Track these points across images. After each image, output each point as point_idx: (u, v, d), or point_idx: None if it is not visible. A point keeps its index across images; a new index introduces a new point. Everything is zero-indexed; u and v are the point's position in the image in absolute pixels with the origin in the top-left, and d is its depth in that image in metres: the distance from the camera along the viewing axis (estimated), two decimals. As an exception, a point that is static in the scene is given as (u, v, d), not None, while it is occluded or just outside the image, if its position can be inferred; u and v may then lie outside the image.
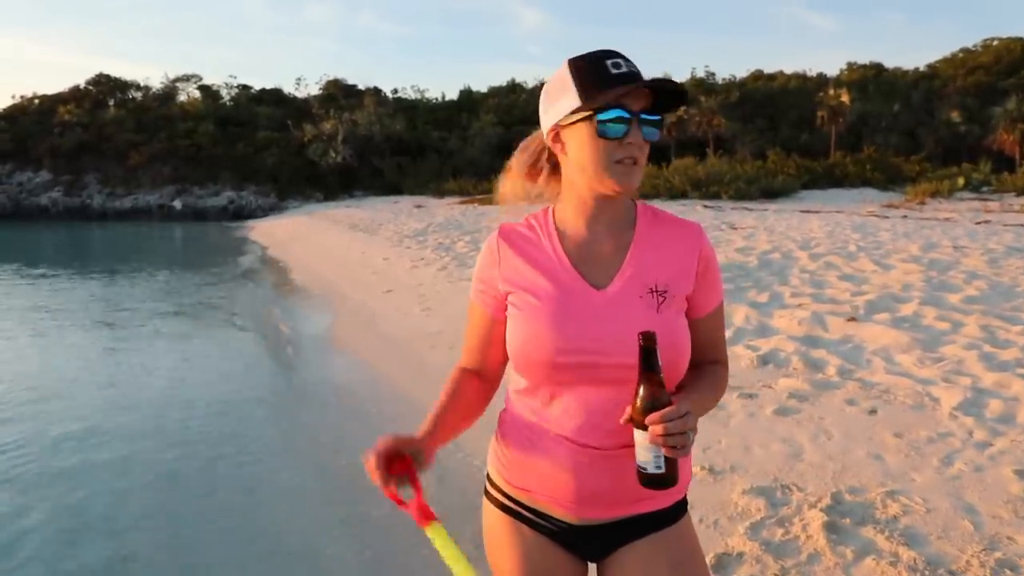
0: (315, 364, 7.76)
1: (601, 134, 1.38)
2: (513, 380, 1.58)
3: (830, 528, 3.24)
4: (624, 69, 1.38)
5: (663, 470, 1.30)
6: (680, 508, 1.55)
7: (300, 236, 23.81)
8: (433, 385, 5.64)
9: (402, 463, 1.38)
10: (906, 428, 4.30)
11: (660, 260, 1.49)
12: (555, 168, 1.55)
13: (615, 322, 1.41)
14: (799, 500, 3.54)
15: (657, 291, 1.45)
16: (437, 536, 1.35)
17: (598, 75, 1.38)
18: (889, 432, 4.26)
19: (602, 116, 1.38)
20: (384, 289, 11.08)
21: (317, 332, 9.30)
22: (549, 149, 1.53)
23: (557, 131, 1.46)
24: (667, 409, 1.26)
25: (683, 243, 1.51)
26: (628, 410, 1.32)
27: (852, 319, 6.63)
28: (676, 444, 1.26)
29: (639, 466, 1.31)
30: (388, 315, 9.32)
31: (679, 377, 1.48)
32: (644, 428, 1.28)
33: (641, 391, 1.29)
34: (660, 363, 1.29)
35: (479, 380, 1.60)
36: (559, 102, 1.44)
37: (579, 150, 1.42)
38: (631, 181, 1.41)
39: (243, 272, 17.05)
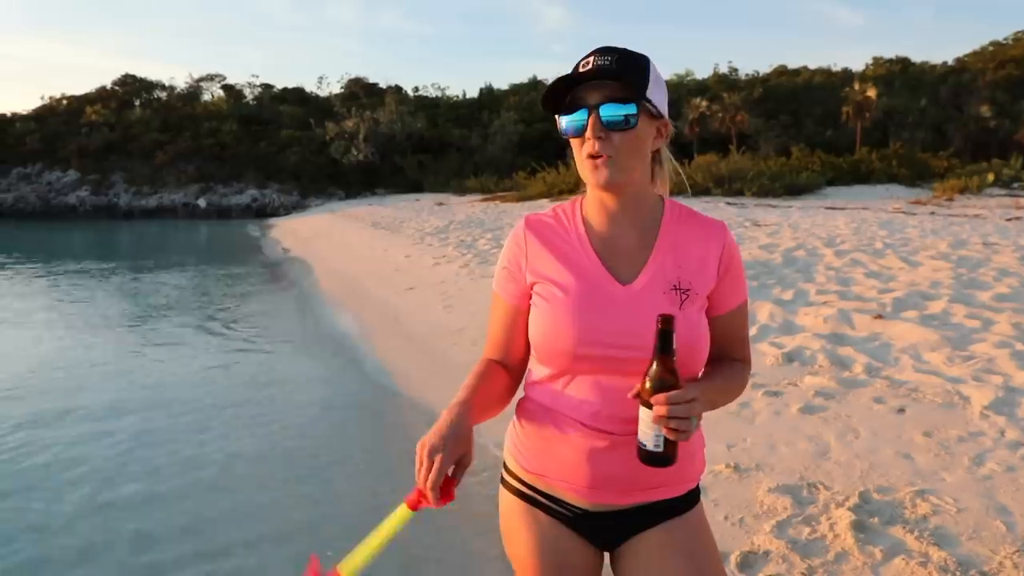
0: (344, 358, 7.80)
1: (564, 134, 1.46)
2: (533, 367, 1.61)
3: (858, 527, 3.19)
4: (591, 66, 1.40)
5: (661, 449, 1.34)
6: (693, 497, 1.58)
7: (323, 234, 23.95)
8: (453, 381, 5.61)
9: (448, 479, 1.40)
10: (936, 427, 4.24)
11: (684, 258, 1.51)
12: None
13: (638, 317, 1.43)
14: (826, 499, 3.49)
15: (680, 288, 1.48)
16: (399, 518, 1.41)
17: (567, 77, 1.42)
18: (918, 431, 4.20)
19: (562, 117, 1.45)
20: (406, 286, 11.11)
21: (344, 329, 9.35)
22: None
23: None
24: (674, 392, 1.30)
25: (707, 241, 1.53)
26: (637, 386, 1.35)
27: (879, 316, 6.54)
28: (677, 427, 1.30)
29: (639, 442, 1.36)
30: (411, 312, 9.35)
31: (695, 374, 1.50)
32: (650, 407, 1.32)
33: (652, 370, 1.33)
34: (675, 347, 1.32)
35: (504, 371, 1.61)
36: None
37: (572, 150, 1.49)
38: (600, 175, 1.43)
39: (267, 269, 17.18)
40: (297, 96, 61.64)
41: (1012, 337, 5.79)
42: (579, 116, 1.43)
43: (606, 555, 1.61)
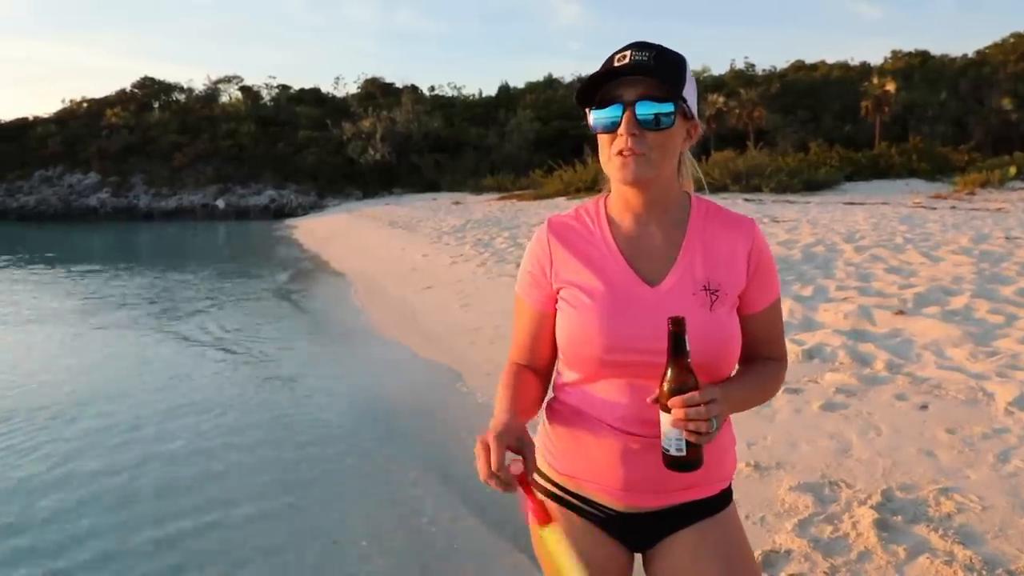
0: (363, 355, 7.84)
1: (596, 128, 1.42)
2: (561, 370, 1.59)
3: (881, 526, 3.16)
4: (627, 61, 1.37)
5: (684, 453, 1.32)
6: (726, 496, 1.57)
7: (340, 233, 24.06)
8: (474, 379, 5.62)
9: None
10: (959, 424, 4.19)
11: (713, 257, 1.47)
12: None
13: (665, 320, 1.38)
14: (848, 497, 3.46)
15: (709, 289, 1.44)
16: (555, 540, 1.33)
17: (601, 70, 1.39)
18: (941, 428, 4.15)
19: (595, 111, 1.42)
20: (424, 286, 11.14)
21: (362, 327, 9.39)
22: None
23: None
24: (690, 394, 1.28)
25: (736, 240, 1.49)
26: (656, 391, 1.34)
27: (900, 312, 6.48)
28: (697, 429, 1.28)
29: (663, 447, 1.35)
30: (428, 312, 9.37)
31: (727, 374, 1.48)
32: (668, 411, 1.31)
33: (668, 374, 1.32)
34: (688, 348, 1.31)
35: (533, 374, 1.59)
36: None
37: (598, 144, 1.46)
38: (628, 172, 1.40)
39: (285, 268, 17.28)
40: (314, 97, 61.95)
41: (1037, 333, 5.71)
42: (612, 112, 1.39)
43: (637, 556, 1.60)
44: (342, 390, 6.79)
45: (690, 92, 1.42)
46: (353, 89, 64.17)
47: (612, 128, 1.40)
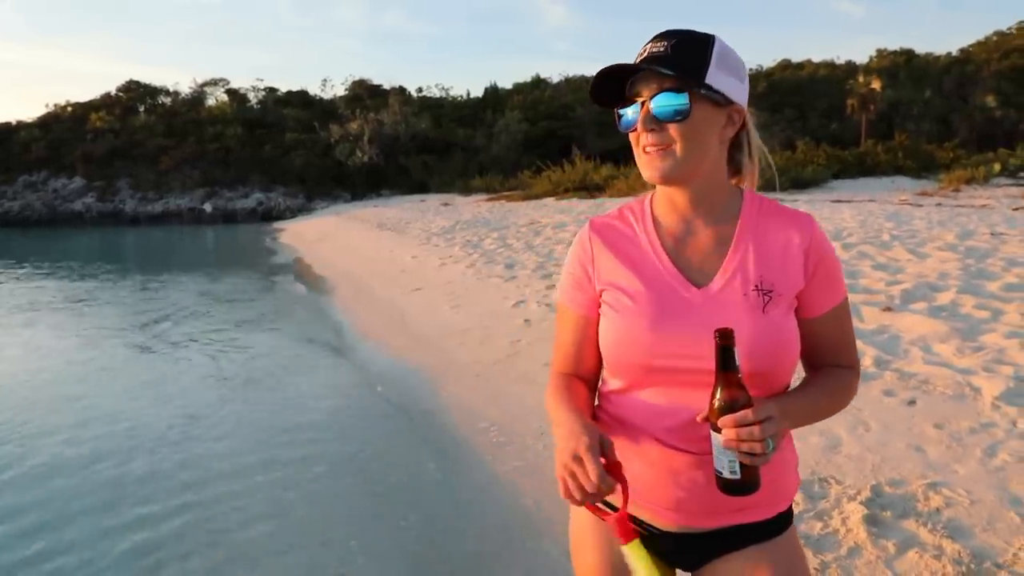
0: (356, 361, 7.81)
1: (620, 129, 1.39)
2: (607, 379, 1.51)
3: (870, 521, 3.18)
4: (645, 55, 1.32)
5: (738, 476, 1.22)
6: (784, 520, 1.45)
7: (329, 236, 23.99)
8: (461, 381, 5.59)
9: (609, 467, 1.26)
10: (947, 419, 4.21)
11: (766, 255, 1.37)
12: None
13: (716, 323, 1.28)
14: (838, 493, 3.48)
15: (762, 289, 1.34)
16: (638, 556, 1.26)
17: (616, 67, 1.35)
18: (929, 423, 4.18)
19: (619, 111, 1.37)
20: (413, 287, 11.12)
21: (350, 329, 9.36)
22: None
23: None
24: (742, 412, 1.19)
25: (792, 236, 1.38)
26: (705, 409, 1.25)
27: (888, 309, 6.51)
28: (751, 450, 1.19)
29: (716, 469, 1.24)
30: (417, 313, 9.36)
31: (784, 383, 1.38)
32: (719, 431, 1.21)
33: (718, 392, 1.22)
34: (739, 363, 1.22)
35: (581, 382, 1.50)
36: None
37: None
38: (653, 169, 1.34)
39: (273, 272, 17.21)
40: (301, 99, 61.72)
41: (1022, 327, 5.75)
42: (632, 109, 1.34)
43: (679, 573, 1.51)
44: (326, 394, 6.77)
45: (723, 75, 1.32)
46: (341, 91, 64.01)
47: (632, 127, 1.35)
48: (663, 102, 1.31)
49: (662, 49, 1.31)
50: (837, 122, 48.77)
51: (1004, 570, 2.78)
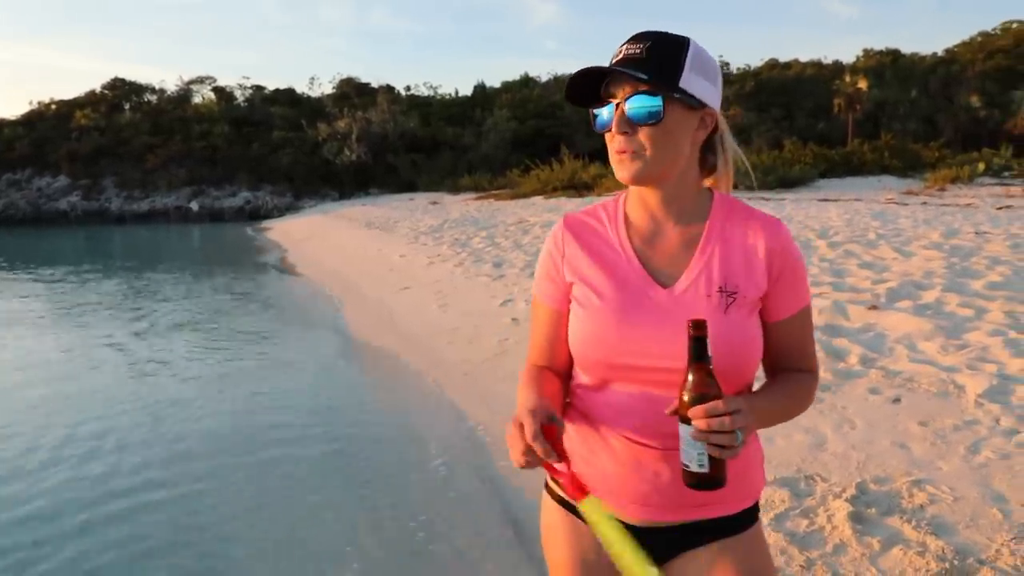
0: (346, 361, 7.79)
1: (594, 130, 1.40)
2: (576, 374, 1.53)
3: (855, 518, 3.20)
4: (620, 56, 1.34)
5: (706, 469, 1.22)
6: (749, 515, 1.46)
7: (317, 235, 23.91)
8: (449, 380, 5.60)
9: (548, 431, 1.28)
10: (931, 416, 4.25)
11: (731, 258, 1.40)
12: None
13: (680, 323, 1.29)
14: (823, 490, 3.50)
15: (726, 291, 1.36)
16: (594, 511, 1.26)
17: (590, 69, 1.36)
18: (914, 421, 4.21)
19: (594, 111, 1.39)
20: (401, 286, 11.10)
21: (339, 328, 9.33)
22: None
23: None
24: (712, 403, 1.19)
25: (758, 240, 1.41)
26: (675, 402, 1.25)
27: (873, 307, 6.56)
28: (720, 442, 1.19)
29: (683, 463, 1.24)
30: (406, 312, 9.34)
31: (746, 384, 1.41)
32: (688, 423, 1.21)
33: (688, 382, 1.22)
34: (710, 354, 1.22)
35: (553, 373, 1.52)
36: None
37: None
38: (624, 170, 1.37)
39: (261, 271, 17.14)
40: (288, 97, 61.43)
41: (1005, 325, 5.81)
42: (607, 110, 1.36)
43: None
44: (310, 392, 6.76)
45: (697, 79, 1.34)
46: (328, 89, 63.73)
47: (606, 128, 1.37)
48: (636, 104, 1.33)
49: (637, 51, 1.33)
50: (824, 121, 49.04)
51: (987, 566, 2.81)
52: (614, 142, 1.37)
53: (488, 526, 3.86)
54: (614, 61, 1.35)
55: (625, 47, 1.35)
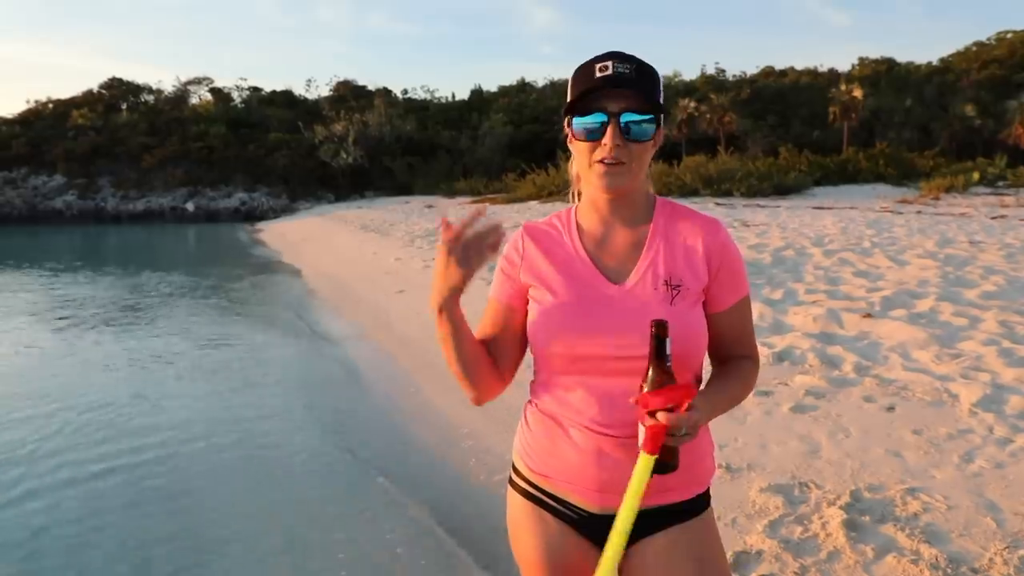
0: (340, 364, 7.78)
1: (578, 137, 1.46)
2: (536, 373, 1.61)
3: (850, 526, 3.21)
4: (609, 72, 1.41)
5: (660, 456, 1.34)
6: (702, 501, 1.57)
7: (312, 237, 23.88)
8: (445, 383, 5.56)
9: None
10: (925, 425, 4.26)
11: (675, 254, 1.52)
12: None
13: (631, 315, 1.44)
14: (817, 498, 3.51)
15: (671, 284, 1.48)
16: (644, 468, 1.34)
17: (582, 78, 1.44)
18: (908, 429, 4.22)
19: (577, 119, 1.45)
20: (397, 289, 11.09)
21: (334, 331, 9.32)
22: None
23: (570, 132, 1.51)
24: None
25: (695, 237, 1.53)
26: (636, 394, 1.35)
27: (868, 315, 6.58)
28: (676, 432, 1.30)
29: (640, 449, 1.35)
30: (402, 315, 9.33)
31: (695, 369, 1.51)
32: (648, 413, 1.32)
33: (649, 376, 1.34)
34: (669, 351, 1.33)
35: (484, 347, 1.60)
36: (566, 105, 1.49)
37: (574, 152, 1.51)
38: (612, 182, 1.45)
39: (255, 272, 17.11)
40: (285, 99, 61.46)
41: (999, 334, 5.84)
42: (595, 120, 1.43)
43: None
44: (302, 393, 6.74)
45: (662, 99, 1.47)
46: (325, 92, 63.87)
47: (596, 137, 1.43)
48: (635, 121, 1.42)
49: (627, 70, 1.41)
50: (819, 129, 49.22)
51: (980, 575, 2.82)
52: (599, 151, 1.44)
53: (488, 530, 3.85)
54: (604, 74, 1.42)
55: (613, 63, 1.42)
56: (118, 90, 59.68)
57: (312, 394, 6.76)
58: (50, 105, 57.19)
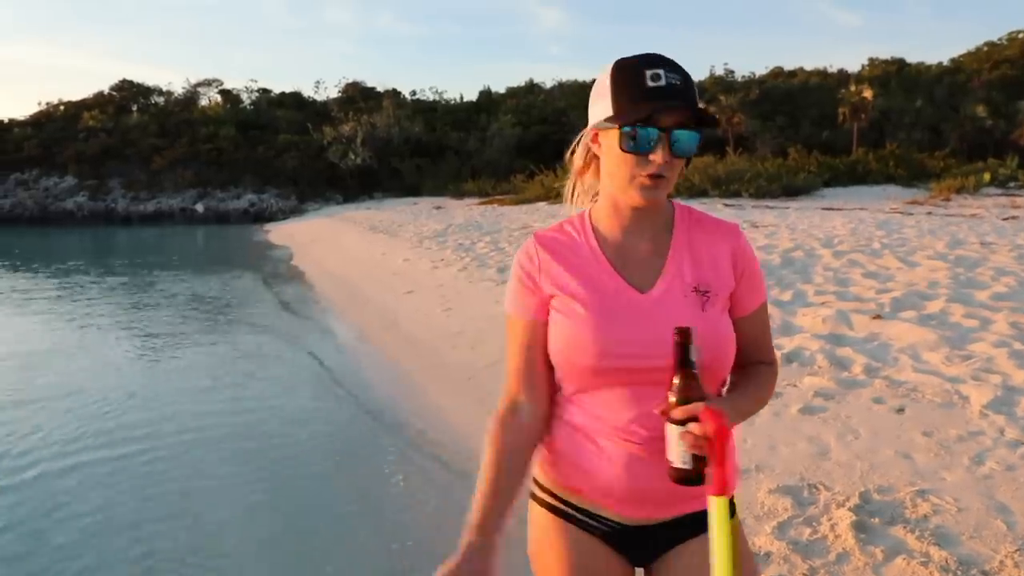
0: (349, 368, 7.80)
1: (624, 148, 1.37)
2: (560, 384, 1.55)
3: (859, 527, 3.20)
4: (662, 82, 1.33)
5: (690, 467, 1.29)
6: (732, 507, 1.50)
7: (321, 238, 23.95)
8: (453, 384, 5.60)
9: None
10: (935, 427, 4.24)
11: (700, 261, 1.48)
12: (598, 163, 1.52)
13: (661, 324, 1.38)
14: (827, 499, 3.49)
15: (700, 291, 1.45)
16: (721, 514, 1.29)
17: (633, 87, 1.35)
18: (918, 431, 4.20)
19: (627, 130, 1.36)
20: (405, 290, 11.11)
21: (342, 331, 9.35)
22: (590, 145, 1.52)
23: (596, 132, 1.45)
24: (696, 404, 1.26)
25: (722, 243, 1.50)
26: (662, 403, 1.31)
27: (877, 317, 6.55)
28: (703, 442, 1.25)
29: (669, 460, 1.31)
30: (410, 316, 9.35)
31: (724, 376, 1.48)
32: (673, 422, 1.28)
33: (675, 386, 1.29)
34: (695, 359, 1.29)
35: (527, 424, 1.51)
36: (598, 105, 1.41)
37: (609, 158, 1.42)
38: (653, 196, 1.41)
39: (265, 272, 17.17)
40: (294, 100, 61.64)
41: (1010, 336, 5.80)
42: (647, 135, 1.35)
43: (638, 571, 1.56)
44: (311, 396, 6.76)
45: None
46: (334, 93, 64.00)
47: (644, 151, 1.36)
48: (685, 138, 1.36)
49: (679, 82, 1.35)
50: (829, 130, 48.99)
51: (990, 577, 2.80)
52: (647, 166, 1.37)
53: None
54: (655, 85, 1.34)
55: (664, 73, 1.35)
56: (128, 92, 60.01)
57: (315, 394, 6.78)
58: (61, 107, 57.59)
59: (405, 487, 4.57)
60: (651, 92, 1.34)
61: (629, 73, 1.37)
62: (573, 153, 1.58)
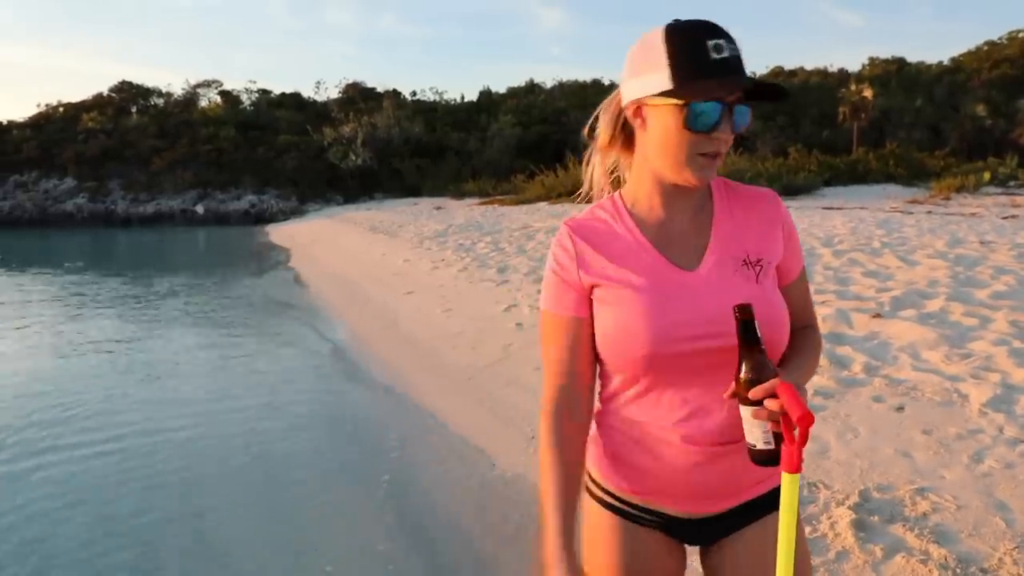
0: (348, 367, 7.81)
1: (690, 126, 1.27)
2: (608, 381, 1.48)
3: (858, 526, 3.20)
4: (726, 54, 1.25)
5: (772, 445, 1.23)
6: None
7: (321, 239, 23.95)
8: (453, 385, 5.60)
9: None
10: (935, 425, 4.25)
11: (746, 231, 1.41)
12: (629, 138, 1.42)
13: (716, 302, 1.31)
14: (826, 498, 3.50)
15: (751, 262, 1.38)
16: (791, 492, 1.24)
17: (696, 59, 1.25)
18: (917, 429, 4.21)
19: (696, 107, 1.26)
20: (405, 291, 11.12)
21: (343, 332, 9.35)
22: (627, 119, 1.39)
23: (640, 106, 1.33)
24: (772, 381, 1.20)
25: (765, 211, 1.44)
26: (732, 385, 1.25)
27: (877, 315, 6.55)
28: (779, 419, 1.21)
29: (748, 443, 1.25)
30: (410, 316, 9.36)
31: (783, 348, 1.40)
32: (750, 404, 1.22)
33: (743, 365, 1.23)
34: (760, 335, 1.23)
35: (578, 424, 1.44)
36: (647, 76, 1.30)
37: (662, 135, 1.31)
38: (710, 175, 1.33)
39: (265, 273, 17.18)
40: (294, 101, 61.64)
41: (1010, 335, 5.80)
42: (713, 110, 1.27)
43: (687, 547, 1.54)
44: (312, 396, 6.77)
45: None
46: (334, 94, 64.00)
47: (708, 129, 1.27)
48: (746, 112, 1.31)
49: (738, 53, 1.28)
50: (829, 129, 49.01)
51: (989, 575, 2.81)
52: (709, 144, 1.29)
53: (487, 535, 3.86)
54: (719, 57, 1.25)
55: (724, 44, 1.26)
56: (128, 93, 59.99)
57: (316, 393, 6.79)
58: (60, 108, 57.54)
59: (405, 487, 4.57)
60: (716, 66, 1.25)
61: (691, 44, 1.26)
62: (592, 129, 1.48)
